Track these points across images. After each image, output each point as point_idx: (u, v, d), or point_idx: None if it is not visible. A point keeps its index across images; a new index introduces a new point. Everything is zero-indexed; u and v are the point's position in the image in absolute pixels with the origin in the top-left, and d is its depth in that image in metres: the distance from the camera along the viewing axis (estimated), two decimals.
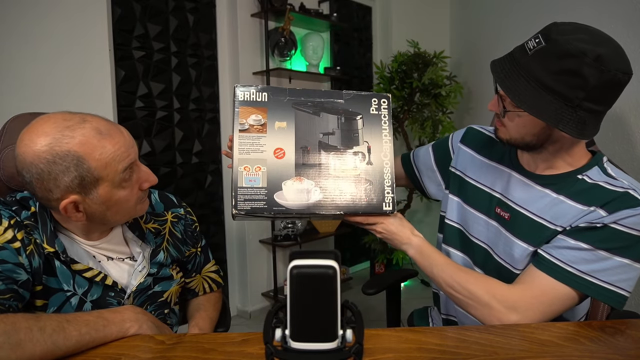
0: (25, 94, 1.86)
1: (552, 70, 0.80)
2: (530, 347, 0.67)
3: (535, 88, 0.81)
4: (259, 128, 0.88)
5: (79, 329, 0.70)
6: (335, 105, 0.92)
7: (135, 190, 0.87)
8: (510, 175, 0.99)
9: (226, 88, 2.71)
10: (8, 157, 1.14)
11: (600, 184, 0.88)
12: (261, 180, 0.86)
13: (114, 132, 0.82)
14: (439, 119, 3.10)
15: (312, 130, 0.90)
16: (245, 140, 0.87)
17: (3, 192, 1.16)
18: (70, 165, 0.77)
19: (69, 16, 1.96)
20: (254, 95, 0.89)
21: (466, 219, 1.05)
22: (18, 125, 1.19)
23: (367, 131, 0.92)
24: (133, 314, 0.78)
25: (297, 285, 0.43)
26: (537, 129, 0.86)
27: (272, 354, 0.44)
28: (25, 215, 0.84)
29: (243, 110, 0.88)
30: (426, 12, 3.58)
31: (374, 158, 0.91)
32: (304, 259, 0.43)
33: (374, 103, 0.93)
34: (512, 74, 0.84)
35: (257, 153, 0.87)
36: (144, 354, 0.69)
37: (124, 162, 0.82)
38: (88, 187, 0.80)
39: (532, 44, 0.83)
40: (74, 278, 0.85)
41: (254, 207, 0.85)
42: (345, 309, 0.45)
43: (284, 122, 0.89)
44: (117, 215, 0.87)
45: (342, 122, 0.92)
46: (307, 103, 0.91)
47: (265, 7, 2.59)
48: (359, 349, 0.44)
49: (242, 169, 0.86)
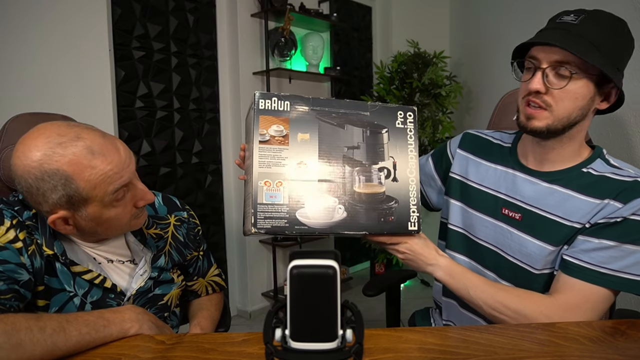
0: (25, 94, 1.86)
1: (607, 33, 0.84)
2: (530, 347, 0.67)
3: (593, 49, 0.83)
4: (280, 140, 0.82)
5: (79, 329, 0.70)
6: (360, 118, 0.87)
7: (128, 208, 0.85)
8: (515, 176, 0.98)
9: (226, 88, 2.71)
10: (8, 157, 1.14)
11: (607, 175, 0.89)
12: (282, 197, 0.80)
13: (108, 150, 0.79)
14: (439, 119, 3.10)
15: (337, 143, 0.85)
16: (266, 152, 0.81)
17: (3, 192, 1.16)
18: (58, 184, 0.76)
19: (69, 16, 1.96)
20: (275, 104, 0.83)
21: (471, 222, 1.05)
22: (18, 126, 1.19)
23: (392, 146, 0.87)
24: (134, 314, 0.78)
25: (297, 285, 0.43)
26: (586, 100, 0.87)
27: (272, 354, 0.44)
28: (27, 215, 0.84)
29: (263, 120, 0.82)
30: (426, 12, 3.58)
31: (400, 174, 0.87)
32: (304, 259, 0.43)
33: (400, 116, 0.88)
34: (565, 37, 0.83)
35: (278, 167, 0.81)
36: (144, 354, 0.69)
37: (114, 184, 0.80)
38: (76, 205, 0.79)
39: (569, 18, 0.86)
40: (74, 280, 0.85)
41: (274, 226, 0.79)
42: (345, 309, 0.45)
43: (307, 134, 0.83)
44: (108, 231, 0.86)
45: (368, 136, 0.86)
46: (331, 114, 0.85)
47: (265, 7, 2.59)
48: (359, 349, 0.44)
49: (263, 184, 0.80)
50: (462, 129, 3.42)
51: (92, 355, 0.69)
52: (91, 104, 2.03)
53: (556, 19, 0.88)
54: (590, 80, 0.85)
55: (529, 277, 0.93)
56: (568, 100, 0.86)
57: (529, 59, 0.89)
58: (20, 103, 1.80)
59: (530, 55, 0.88)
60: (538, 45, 0.86)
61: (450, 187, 1.11)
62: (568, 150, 0.93)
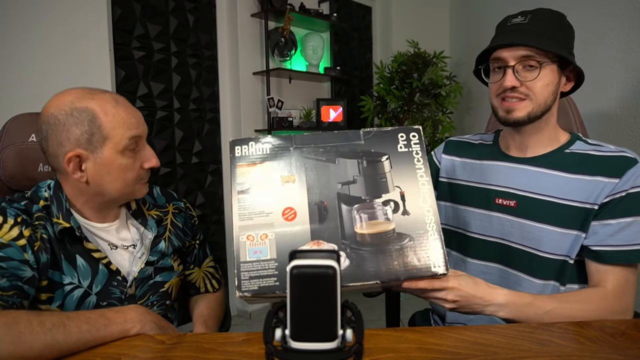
0: (25, 94, 1.86)
1: (554, 25, 0.92)
2: (530, 347, 0.67)
3: (549, 40, 0.91)
4: (262, 187, 0.74)
5: (80, 326, 0.70)
6: (353, 148, 0.77)
7: (136, 165, 0.90)
8: (501, 167, 1.03)
9: (226, 88, 2.71)
10: (8, 157, 1.14)
11: (590, 152, 0.95)
12: (269, 251, 0.71)
13: (130, 106, 0.90)
14: (439, 119, 3.10)
15: (328, 180, 0.75)
16: (247, 202, 0.73)
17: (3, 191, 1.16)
18: (84, 119, 0.84)
19: (69, 16, 1.96)
20: (252, 149, 0.76)
21: (463, 219, 1.07)
22: (18, 126, 1.19)
23: (397, 174, 0.77)
24: (136, 314, 0.78)
25: (297, 285, 0.43)
26: (555, 85, 0.94)
27: (272, 354, 0.44)
28: (37, 208, 0.87)
29: (242, 168, 0.75)
30: (426, 12, 3.58)
31: (411, 206, 0.75)
32: (304, 258, 0.43)
33: (402, 139, 0.79)
34: (523, 35, 0.91)
35: (261, 217, 0.72)
36: (144, 354, 0.69)
37: (132, 131, 0.87)
38: (95, 145, 0.85)
39: (518, 19, 0.94)
40: (78, 265, 0.87)
41: (262, 286, 0.69)
42: (345, 309, 0.45)
43: (292, 176, 0.75)
44: (115, 183, 0.89)
45: (365, 167, 0.76)
46: (318, 150, 0.77)
47: (265, 7, 2.59)
48: (359, 349, 0.44)
49: (245, 239, 0.71)
50: (462, 128, 3.42)
51: (92, 355, 0.69)
52: None
53: (506, 23, 0.96)
54: (555, 66, 0.93)
55: (535, 261, 0.96)
56: (542, 87, 0.92)
57: (494, 61, 0.96)
58: (20, 103, 1.79)
59: (495, 58, 0.95)
60: (501, 47, 0.93)
61: (440, 192, 1.15)
62: (546, 135, 0.98)
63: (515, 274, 0.99)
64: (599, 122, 2.40)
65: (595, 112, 2.40)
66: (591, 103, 2.40)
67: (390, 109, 3.20)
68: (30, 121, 1.21)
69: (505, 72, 0.93)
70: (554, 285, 0.96)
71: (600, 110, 2.40)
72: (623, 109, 2.31)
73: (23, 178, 1.15)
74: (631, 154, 0.92)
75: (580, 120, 1.20)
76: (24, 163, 1.15)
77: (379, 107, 3.19)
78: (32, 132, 1.19)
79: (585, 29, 2.48)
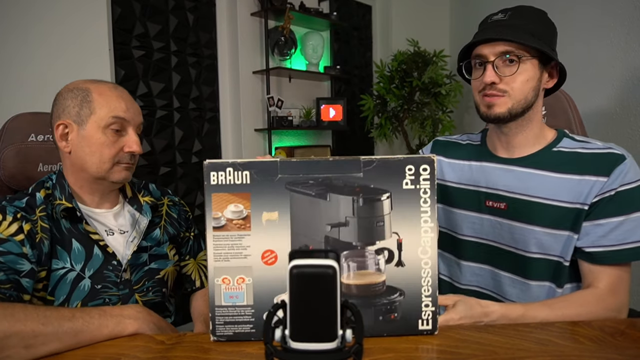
0: (25, 93, 1.86)
1: (535, 21, 0.92)
2: (530, 347, 0.67)
3: (529, 35, 0.90)
4: (240, 223, 0.66)
5: (73, 312, 0.72)
6: (349, 181, 0.65)
7: (117, 146, 0.94)
8: (490, 168, 1.02)
9: (226, 87, 2.71)
10: (8, 156, 1.14)
11: (577, 150, 0.94)
12: (245, 297, 0.66)
13: (127, 96, 0.97)
14: (439, 117, 3.10)
15: (316, 220, 0.66)
16: (222, 241, 0.66)
17: (3, 191, 1.16)
18: (79, 95, 0.94)
19: (69, 15, 1.96)
20: (231, 176, 0.65)
21: (454, 221, 1.07)
22: (18, 125, 1.18)
23: (397, 216, 0.66)
24: (134, 311, 0.78)
25: (297, 285, 0.43)
26: (536, 80, 0.93)
27: (272, 354, 0.44)
28: (39, 197, 0.92)
29: (218, 199, 0.65)
30: (426, 10, 3.57)
31: (408, 257, 0.66)
32: (304, 258, 0.43)
33: (410, 172, 0.65)
34: (503, 30, 0.91)
35: (238, 259, 0.66)
36: (144, 354, 0.69)
37: (118, 112, 0.93)
38: (82, 118, 0.93)
39: (498, 16, 0.94)
40: (73, 249, 0.91)
41: (237, 333, 0.67)
42: (345, 309, 0.45)
43: (274, 212, 0.66)
44: (92, 157, 0.93)
45: (360, 206, 0.66)
46: (307, 181, 0.65)
47: (265, 6, 2.59)
48: (359, 349, 0.44)
49: (220, 281, 0.66)
50: (462, 127, 3.42)
51: (92, 355, 0.69)
52: None
53: (487, 20, 0.96)
54: (535, 61, 0.92)
55: (525, 262, 0.96)
56: (521, 82, 0.92)
57: (475, 58, 0.96)
58: (20, 103, 1.79)
59: (476, 54, 0.95)
60: (481, 44, 0.93)
61: None
62: (531, 133, 0.98)
63: (508, 276, 0.99)
64: (598, 121, 2.39)
65: (595, 111, 2.40)
66: (591, 102, 2.40)
67: (390, 108, 3.20)
68: (30, 121, 1.21)
69: (486, 68, 0.93)
70: (550, 286, 0.95)
71: (600, 109, 2.39)
72: (623, 107, 2.31)
73: (22, 178, 1.15)
74: (618, 150, 0.91)
75: (579, 119, 1.20)
76: (23, 163, 1.16)
77: (379, 106, 3.19)
78: (31, 132, 1.19)
79: (585, 28, 2.48)
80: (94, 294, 0.92)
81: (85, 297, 0.91)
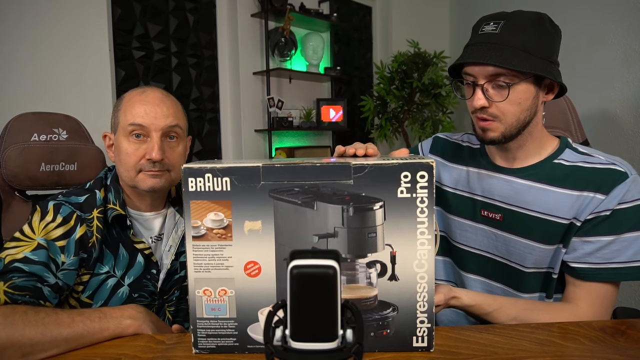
0: (26, 94, 1.86)
1: (530, 34, 0.84)
2: (530, 347, 0.67)
3: (521, 54, 0.83)
4: (220, 233, 0.62)
5: (73, 317, 0.72)
6: (338, 189, 0.61)
7: (138, 153, 0.92)
8: (489, 176, 0.98)
9: (226, 88, 2.71)
10: (11, 156, 1.14)
11: (579, 164, 0.90)
12: (228, 309, 0.64)
13: (152, 100, 0.93)
14: (439, 118, 3.10)
15: (302, 231, 0.62)
16: (203, 251, 0.63)
17: (5, 190, 1.16)
18: (116, 104, 0.97)
19: (69, 16, 1.96)
20: (210, 182, 0.61)
21: (449, 226, 1.05)
22: (20, 125, 1.19)
23: (391, 227, 0.61)
24: (134, 312, 0.78)
25: (297, 285, 0.43)
26: (530, 100, 0.87)
27: (272, 354, 0.44)
28: (100, 200, 0.92)
29: (197, 207, 0.62)
30: (426, 12, 3.58)
31: (402, 270, 0.62)
32: (304, 258, 0.43)
33: (405, 179, 0.60)
34: (493, 51, 0.83)
35: (220, 270, 0.63)
36: (144, 354, 0.69)
37: (135, 118, 0.91)
38: (115, 127, 0.96)
39: (489, 27, 0.86)
40: (119, 254, 0.91)
41: (220, 346, 0.65)
42: (345, 309, 0.45)
43: (257, 222, 0.62)
44: (121, 166, 0.95)
45: (350, 216, 0.61)
46: (292, 189, 0.61)
47: (265, 7, 2.59)
48: (359, 349, 0.44)
49: (201, 293, 0.64)
50: (462, 128, 3.42)
51: (92, 355, 0.69)
52: (91, 103, 2.03)
53: (478, 30, 0.89)
54: (528, 82, 0.86)
55: (520, 276, 0.94)
56: (512, 107, 0.86)
57: (465, 76, 0.90)
58: (21, 103, 1.80)
59: (466, 72, 0.89)
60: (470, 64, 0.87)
61: None
62: (531, 146, 0.93)
63: (501, 287, 0.98)
64: (599, 122, 2.40)
65: (596, 113, 2.40)
66: (591, 103, 2.40)
67: (390, 109, 3.21)
68: (32, 120, 1.21)
69: (475, 91, 0.88)
70: (540, 295, 0.94)
71: (600, 110, 2.39)
72: (623, 109, 2.31)
73: (25, 177, 1.15)
74: (621, 166, 0.86)
75: (578, 120, 1.20)
76: (26, 162, 1.16)
77: (379, 107, 3.19)
78: (34, 132, 1.19)
79: (586, 29, 2.48)
80: (130, 303, 0.89)
81: (121, 304, 0.87)
